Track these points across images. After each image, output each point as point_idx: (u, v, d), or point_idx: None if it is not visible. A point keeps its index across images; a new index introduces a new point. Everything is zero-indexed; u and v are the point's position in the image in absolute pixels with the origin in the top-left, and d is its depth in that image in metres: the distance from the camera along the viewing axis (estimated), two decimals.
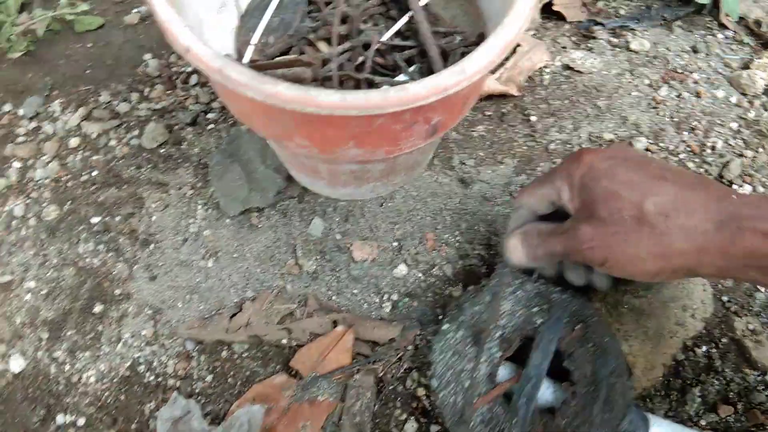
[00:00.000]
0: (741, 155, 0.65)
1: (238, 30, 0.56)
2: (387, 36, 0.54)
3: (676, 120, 0.68)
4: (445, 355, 0.48)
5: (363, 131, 0.43)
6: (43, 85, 0.77)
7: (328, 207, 0.63)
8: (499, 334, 0.48)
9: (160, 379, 0.55)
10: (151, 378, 0.56)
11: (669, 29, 0.78)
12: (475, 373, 0.47)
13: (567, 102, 0.70)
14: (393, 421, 0.52)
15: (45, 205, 0.66)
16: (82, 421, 0.54)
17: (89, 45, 0.82)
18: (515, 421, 0.44)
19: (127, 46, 0.81)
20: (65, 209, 0.66)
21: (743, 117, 0.69)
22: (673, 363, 0.53)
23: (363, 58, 0.53)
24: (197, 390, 0.55)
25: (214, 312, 0.58)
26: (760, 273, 0.37)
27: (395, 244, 0.61)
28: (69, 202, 0.66)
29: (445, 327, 0.50)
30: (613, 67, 0.73)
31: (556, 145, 0.67)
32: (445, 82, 0.38)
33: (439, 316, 0.57)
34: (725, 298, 0.56)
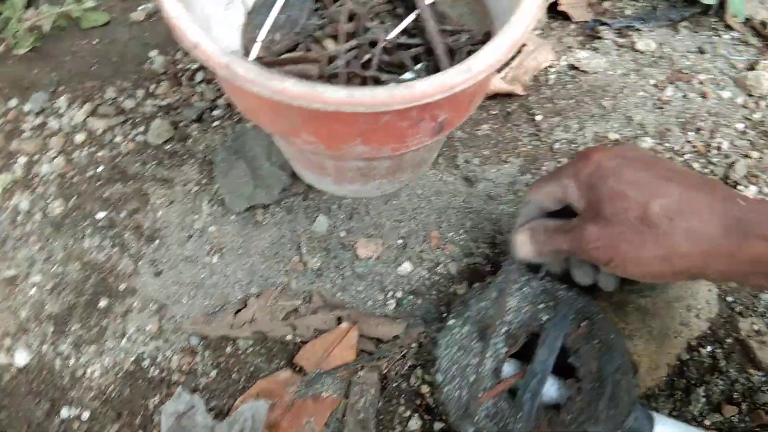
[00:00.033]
0: (746, 156, 0.65)
1: (244, 27, 0.56)
2: (393, 34, 0.54)
3: (682, 120, 0.68)
4: (451, 350, 0.49)
5: (370, 128, 0.43)
6: (49, 81, 0.77)
7: (332, 204, 0.63)
8: (504, 330, 0.48)
9: (165, 373, 0.56)
10: (156, 373, 0.56)
11: (675, 30, 0.78)
12: (481, 368, 0.47)
13: (572, 102, 0.70)
14: (397, 418, 0.52)
15: (50, 200, 0.66)
16: (86, 415, 0.54)
17: (95, 41, 0.82)
18: (520, 416, 0.44)
19: (133, 43, 0.81)
20: (70, 204, 0.66)
21: (749, 118, 0.68)
22: (677, 363, 0.53)
23: (369, 55, 0.53)
24: (201, 385, 0.55)
25: (218, 308, 0.58)
26: (766, 279, 0.38)
27: (400, 241, 0.61)
28: (74, 198, 0.66)
29: (451, 322, 0.50)
30: (619, 67, 0.73)
31: (561, 144, 0.67)
32: (451, 80, 0.38)
33: (443, 314, 0.57)
34: (730, 299, 0.56)
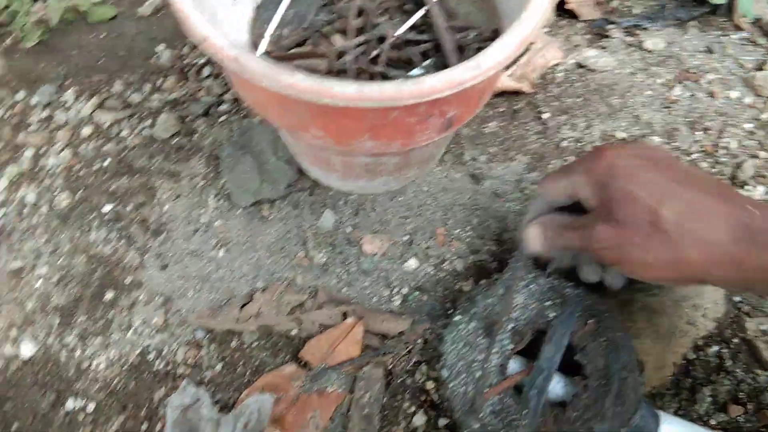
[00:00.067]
0: (754, 156, 0.65)
1: (252, 22, 0.56)
2: (402, 30, 0.54)
3: (690, 120, 0.68)
4: (457, 346, 0.48)
5: (378, 124, 0.43)
6: (56, 74, 0.77)
7: (339, 200, 0.63)
8: (511, 326, 0.48)
9: (170, 366, 0.56)
10: (161, 365, 0.56)
11: (683, 29, 0.77)
12: (486, 365, 0.47)
13: (580, 100, 0.70)
14: (401, 414, 0.52)
15: (57, 192, 0.67)
16: (91, 407, 0.54)
17: (102, 35, 0.82)
18: (526, 412, 0.44)
19: (140, 38, 0.81)
20: (77, 197, 0.66)
21: (757, 118, 0.68)
22: (683, 362, 0.53)
23: (378, 51, 0.53)
24: (207, 378, 0.55)
25: (224, 302, 0.58)
26: None
27: (406, 238, 0.61)
28: (81, 191, 0.67)
29: (457, 318, 0.50)
30: (627, 66, 0.73)
31: (568, 142, 0.67)
32: (460, 77, 0.38)
33: (449, 311, 0.56)
34: (737, 299, 0.56)
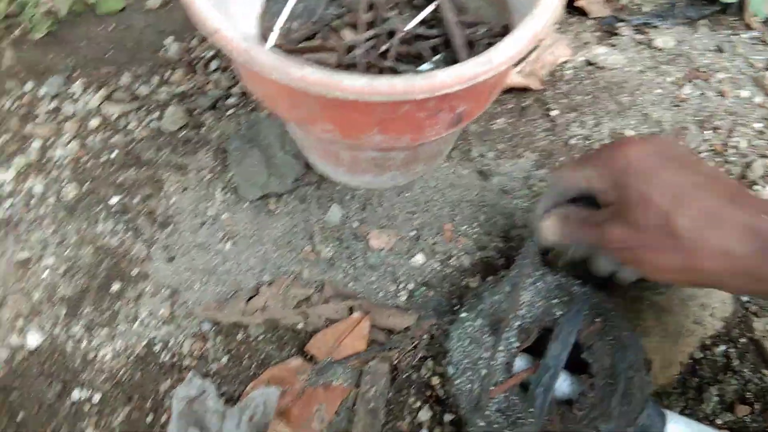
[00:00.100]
0: (764, 156, 0.64)
1: (261, 15, 0.56)
2: (412, 25, 0.54)
3: (699, 119, 0.68)
4: (463, 343, 0.48)
5: (388, 118, 0.43)
6: (64, 65, 0.77)
7: (345, 195, 0.63)
8: (517, 324, 0.48)
9: (176, 358, 0.56)
10: (167, 357, 0.56)
11: (693, 28, 0.77)
12: (492, 362, 0.47)
13: (589, 97, 0.70)
14: (407, 409, 0.52)
15: (64, 184, 0.67)
16: (97, 398, 0.54)
17: (111, 28, 0.82)
18: (531, 410, 0.44)
19: (149, 30, 0.81)
20: (84, 189, 0.66)
21: (767, 117, 0.68)
22: (690, 361, 0.53)
23: (387, 46, 0.53)
24: (212, 371, 0.55)
25: (230, 294, 0.58)
26: None
27: (413, 233, 0.61)
28: (88, 182, 0.67)
29: (464, 315, 0.50)
30: (636, 63, 0.73)
31: (577, 140, 0.67)
32: (471, 72, 0.38)
33: (455, 307, 0.56)
34: (745, 298, 0.56)
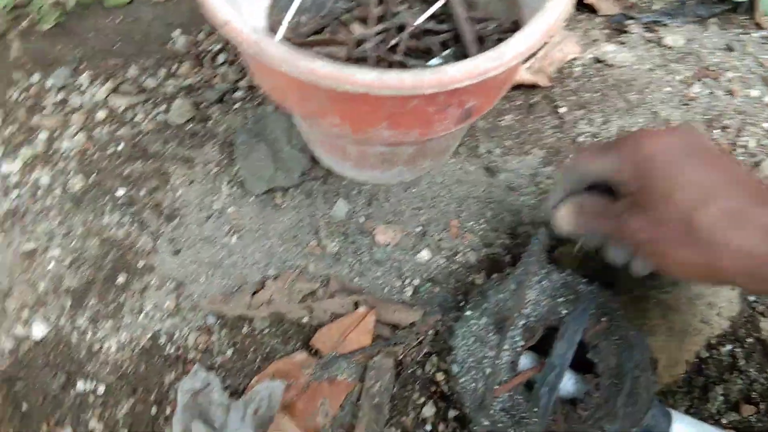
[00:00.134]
0: None
1: (270, 8, 0.56)
2: (421, 19, 0.54)
3: (708, 118, 0.67)
4: (467, 341, 0.48)
5: (397, 112, 0.43)
6: (72, 57, 0.77)
7: (352, 190, 0.63)
8: (522, 322, 0.48)
9: (181, 351, 0.56)
10: (172, 350, 0.56)
11: (703, 26, 0.76)
12: (497, 361, 0.47)
13: (597, 95, 0.69)
14: (411, 404, 0.52)
15: (71, 175, 0.67)
16: (102, 389, 0.55)
17: (118, 20, 0.82)
18: (536, 409, 0.44)
19: (156, 23, 0.81)
20: (91, 181, 0.66)
21: None
22: (696, 360, 0.53)
23: (397, 40, 0.53)
24: (217, 364, 0.55)
25: (236, 288, 0.58)
26: None
27: (419, 229, 0.61)
28: (94, 174, 0.67)
29: (468, 313, 0.50)
30: (645, 62, 0.72)
31: (585, 137, 0.66)
32: (482, 66, 0.38)
33: (461, 303, 0.56)
34: (752, 298, 0.56)
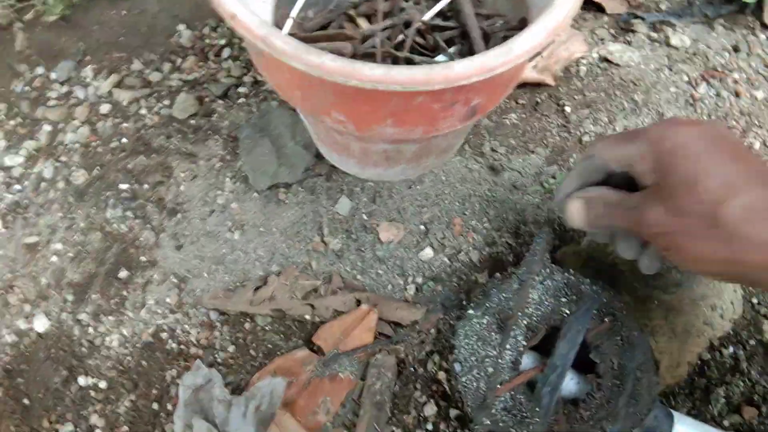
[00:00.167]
0: None
1: (277, 3, 0.56)
2: (429, 15, 0.53)
3: (714, 118, 0.67)
4: (470, 340, 0.48)
5: (402, 109, 0.43)
6: (76, 50, 0.77)
7: (355, 186, 0.63)
8: (525, 322, 0.48)
9: (183, 347, 0.56)
10: (174, 345, 0.56)
11: (710, 27, 0.76)
12: (499, 360, 0.47)
13: (603, 94, 0.69)
14: (412, 403, 0.52)
15: (74, 169, 0.67)
16: (103, 384, 0.55)
17: (124, 12, 0.81)
18: (538, 409, 0.44)
19: (162, 16, 0.81)
20: (94, 174, 0.66)
21: None
22: (698, 362, 0.53)
23: (403, 36, 0.52)
24: (219, 360, 0.55)
25: (238, 284, 0.58)
26: None
27: (422, 227, 0.61)
28: (98, 168, 0.67)
29: (471, 312, 0.50)
30: (652, 61, 0.72)
31: (590, 137, 0.66)
32: (491, 63, 0.38)
33: (463, 302, 0.56)
34: (755, 300, 0.56)
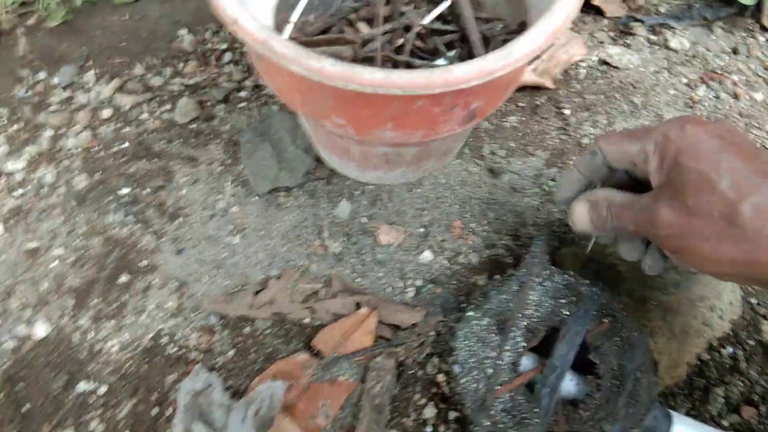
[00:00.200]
0: None
1: (277, 7, 0.56)
2: (428, 19, 0.54)
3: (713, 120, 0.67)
4: (469, 342, 0.48)
5: (402, 113, 0.43)
6: (78, 55, 0.78)
7: (355, 190, 0.63)
8: (524, 323, 0.48)
9: (183, 351, 0.56)
10: (174, 350, 0.56)
11: (709, 29, 0.76)
12: (499, 362, 0.47)
13: (602, 97, 0.69)
14: (412, 405, 0.52)
15: (75, 173, 0.67)
16: (103, 389, 0.55)
17: (125, 17, 0.82)
18: (537, 410, 0.44)
19: (163, 21, 0.81)
20: (95, 179, 0.66)
21: None
22: (697, 362, 0.52)
23: (403, 40, 0.53)
24: (219, 364, 0.55)
25: (238, 288, 0.58)
26: None
27: (421, 230, 0.61)
28: (99, 172, 0.67)
29: (470, 314, 0.50)
30: (651, 64, 0.72)
31: (589, 139, 0.66)
32: (491, 66, 0.38)
33: (463, 304, 0.56)
34: (754, 301, 0.56)
